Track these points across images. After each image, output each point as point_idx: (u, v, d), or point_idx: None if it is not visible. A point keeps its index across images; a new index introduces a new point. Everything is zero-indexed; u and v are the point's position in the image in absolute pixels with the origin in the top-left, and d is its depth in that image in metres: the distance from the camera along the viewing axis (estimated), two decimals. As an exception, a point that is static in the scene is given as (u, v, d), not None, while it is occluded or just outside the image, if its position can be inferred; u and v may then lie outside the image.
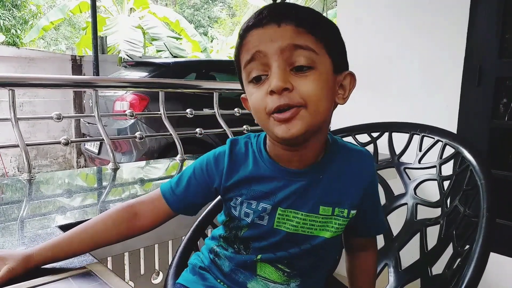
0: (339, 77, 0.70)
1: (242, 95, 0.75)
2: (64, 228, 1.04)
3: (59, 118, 1.83)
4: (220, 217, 0.81)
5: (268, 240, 0.74)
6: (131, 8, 10.88)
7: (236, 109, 2.56)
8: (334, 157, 0.74)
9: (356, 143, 1.18)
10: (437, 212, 0.99)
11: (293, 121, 0.64)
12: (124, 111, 2.44)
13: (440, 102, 1.90)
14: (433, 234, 0.96)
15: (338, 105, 0.71)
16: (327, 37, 0.66)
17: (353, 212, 0.74)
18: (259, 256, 0.75)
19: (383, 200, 1.09)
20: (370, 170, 0.77)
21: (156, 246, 1.55)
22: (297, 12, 0.66)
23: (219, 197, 0.79)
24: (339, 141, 0.77)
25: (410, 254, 1.00)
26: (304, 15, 0.66)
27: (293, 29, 0.64)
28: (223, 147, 0.77)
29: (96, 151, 4.21)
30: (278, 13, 0.65)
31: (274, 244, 0.74)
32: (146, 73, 4.34)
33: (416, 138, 1.09)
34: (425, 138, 1.07)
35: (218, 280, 0.79)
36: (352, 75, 0.71)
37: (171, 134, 2.22)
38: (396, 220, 1.05)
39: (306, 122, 0.64)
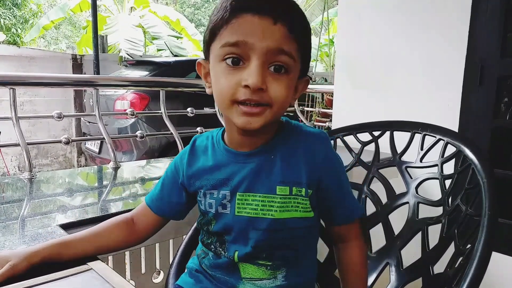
0: (299, 81, 0.74)
1: (200, 60, 0.75)
2: (65, 227, 1.04)
3: (60, 117, 1.83)
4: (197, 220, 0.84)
5: (236, 229, 0.74)
6: (131, 7, 10.89)
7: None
8: (286, 138, 0.75)
9: (358, 141, 1.18)
10: (438, 211, 0.99)
11: (256, 117, 0.67)
12: (125, 110, 2.44)
13: (441, 101, 1.90)
14: (434, 233, 0.96)
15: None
16: (305, 46, 0.70)
17: (310, 191, 0.73)
18: (235, 256, 0.74)
19: (384, 199, 1.09)
20: (323, 151, 0.75)
21: (157, 245, 1.55)
22: (294, 12, 0.68)
23: None
24: (293, 124, 0.78)
25: (411, 253, 0.99)
26: (298, 19, 0.68)
27: (285, 33, 0.65)
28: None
29: (97, 150, 4.21)
30: (277, 6, 0.66)
31: (242, 233, 0.73)
32: (147, 72, 4.34)
33: (418, 137, 1.08)
34: (426, 137, 1.07)
35: (214, 284, 0.79)
36: (307, 81, 0.76)
37: (171, 133, 2.22)
38: (398, 219, 1.05)
39: (267, 119, 0.67)
